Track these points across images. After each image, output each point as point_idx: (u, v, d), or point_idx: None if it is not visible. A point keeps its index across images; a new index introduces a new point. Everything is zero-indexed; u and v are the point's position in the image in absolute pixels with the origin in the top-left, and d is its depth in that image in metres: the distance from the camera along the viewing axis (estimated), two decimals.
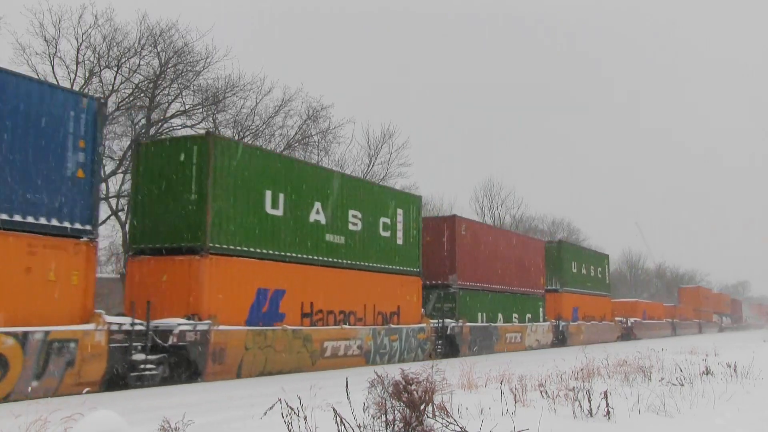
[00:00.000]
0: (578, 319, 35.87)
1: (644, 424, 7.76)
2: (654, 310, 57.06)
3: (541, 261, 32.13)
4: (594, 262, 40.27)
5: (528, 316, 30.08)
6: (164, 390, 12.64)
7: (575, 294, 36.21)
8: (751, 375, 13.04)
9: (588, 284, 38.44)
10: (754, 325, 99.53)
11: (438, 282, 24.35)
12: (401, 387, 6.18)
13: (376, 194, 20.84)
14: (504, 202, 59.97)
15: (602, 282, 41.51)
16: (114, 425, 5.55)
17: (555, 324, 32.76)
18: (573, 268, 36.16)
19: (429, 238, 23.77)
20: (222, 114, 30.39)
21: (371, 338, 19.06)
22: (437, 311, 23.90)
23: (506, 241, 29.27)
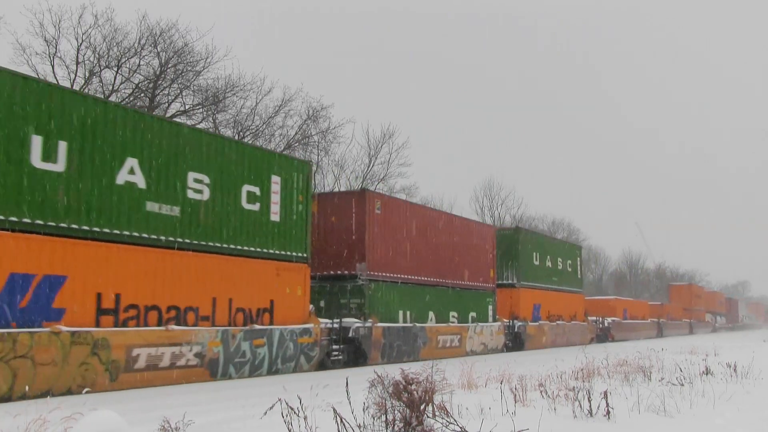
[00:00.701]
0: (540, 319, 31.13)
1: (644, 424, 7.76)
2: (637, 309, 52.08)
3: (491, 250, 27.18)
4: (563, 253, 35.36)
5: (472, 316, 25.27)
6: (163, 390, 12.63)
7: (537, 290, 31.26)
8: (751, 375, 13.05)
9: (554, 279, 33.48)
10: (751, 326, 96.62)
11: (343, 272, 19.70)
12: (401, 387, 6.18)
13: (236, 154, 15.72)
14: (504, 202, 60.02)
15: (573, 277, 36.47)
16: (114, 425, 5.55)
17: (508, 324, 27.98)
18: (535, 260, 31.37)
19: (335, 218, 19.84)
20: (222, 114, 30.46)
21: (219, 343, 14.25)
22: (344, 308, 19.47)
23: (444, 225, 24.17)
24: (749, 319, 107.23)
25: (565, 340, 33.29)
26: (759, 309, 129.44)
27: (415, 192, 41.67)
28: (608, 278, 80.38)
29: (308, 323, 17.19)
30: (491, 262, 27.25)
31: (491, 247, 27.32)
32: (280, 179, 16.86)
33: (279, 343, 15.93)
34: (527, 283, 30.29)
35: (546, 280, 32.50)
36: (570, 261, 36.11)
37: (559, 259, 34.47)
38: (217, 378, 14.10)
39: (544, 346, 30.02)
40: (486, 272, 26.80)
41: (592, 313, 41.22)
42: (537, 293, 31.31)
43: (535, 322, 30.56)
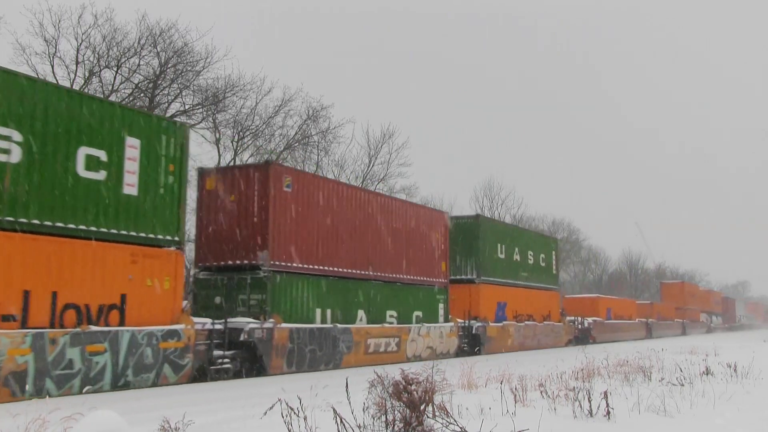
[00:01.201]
0: (505, 319, 27.71)
1: (644, 424, 7.76)
2: (623, 308, 48.05)
3: (442, 240, 23.59)
4: (535, 246, 31.95)
5: (417, 315, 21.83)
6: (164, 390, 12.63)
7: (501, 286, 27.86)
8: (751, 375, 13.05)
9: (523, 274, 30.03)
10: (749, 326, 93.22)
11: (244, 262, 16.42)
12: (401, 387, 6.17)
13: (69, 106, 12.25)
14: (504, 202, 59.91)
15: (547, 272, 33.00)
16: (114, 425, 5.55)
17: (464, 325, 24.48)
18: (499, 252, 27.82)
19: (234, 196, 16.74)
20: (222, 114, 30.44)
21: (29, 350, 10.91)
22: (243, 306, 16.34)
23: (379, 208, 20.38)
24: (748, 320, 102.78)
25: (536, 343, 30.05)
26: (758, 309, 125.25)
27: (415, 192, 41.62)
28: (608, 278, 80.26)
29: (178, 324, 13.67)
30: (443, 254, 23.59)
31: (443, 237, 23.69)
32: (140, 143, 13.40)
33: (129, 350, 12.48)
34: (489, 279, 26.88)
35: (513, 275, 29.11)
36: (544, 255, 32.68)
37: (530, 253, 31.05)
38: (21, 396, 10.52)
39: (510, 350, 26.75)
40: (436, 265, 23.11)
41: (571, 313, 38.44)
42: (502, 290, 27.91)
43: (499, 322, 27.12)
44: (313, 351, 17.01)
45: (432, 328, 22.29)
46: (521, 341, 28.60)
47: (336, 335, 17.85)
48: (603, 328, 41.03)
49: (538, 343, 30.20)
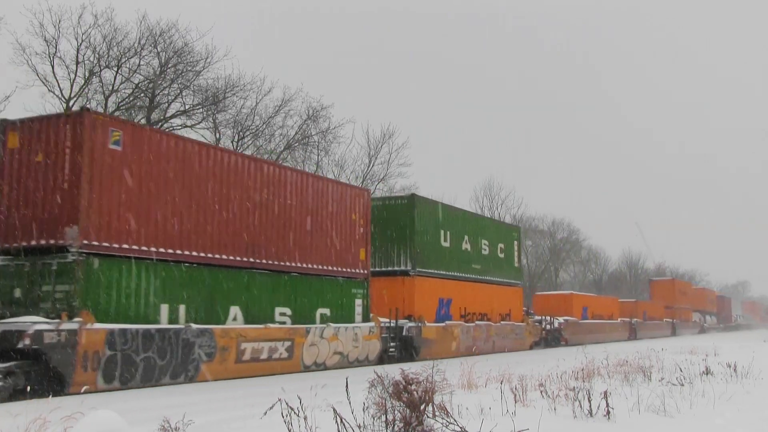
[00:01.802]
0: (451, 318, 24.00)
1: (644, 424, 7.76)
2: (602, 307, 43.66)
3: (363, 223, 19.65)
4: (491, 234, 27.97)
5: (322, 313, 17.76)
6: (164, 390, 12.64)
7: (445, 280, 23.94)
8: (751, 375, 13.05)
9: (475, 266, 26.18)
10: (747, 326, 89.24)
11: (49, 242, 12.50)
12: (401, 387, 6.18)
13: None
14: (504, 202, 59.93)
15: (507, 265, 29.02)
16: (114, 425, 5.55)
17: (391, 326, 20.29)
18: (443, 240, 24.01)
19: (41, 156, 12.78)
20: (222, 114, 30.47)
21: None
22: (47, 300, 12.30)
23: (271, 180, 16.39)
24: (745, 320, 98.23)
25: (491, 346, 25.91)
26: (756, 308, 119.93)
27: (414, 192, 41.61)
28: (608, 278, 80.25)
29: None
30: (362, 240, 19.55)
31: (363, 219, 19.66)
32: None
33: None
34: (429, 271, 22.84)
35: (462, 267, 25.23)
36: (503, 245, 28.78)
37: (485, 242, 27.12)
38: None
39: (455, 354, 22.68)
40: (352, 253, 19.02)
41: (542, 312, 35.40)
42: (445, 284, 23.87)
43: (441, 322, 23.11)
44: (150, 360, 12.90)
45: (343, 329, 18.12)
46: (470, 344, 24.51)
47: (190, 338, 13.67)
48: (577, 328, 37.30)
49: (494, 347, 26.10)
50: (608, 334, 41.14)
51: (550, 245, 66.34)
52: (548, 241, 66.48)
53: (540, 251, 66.05)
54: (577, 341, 34.61)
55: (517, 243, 30.79)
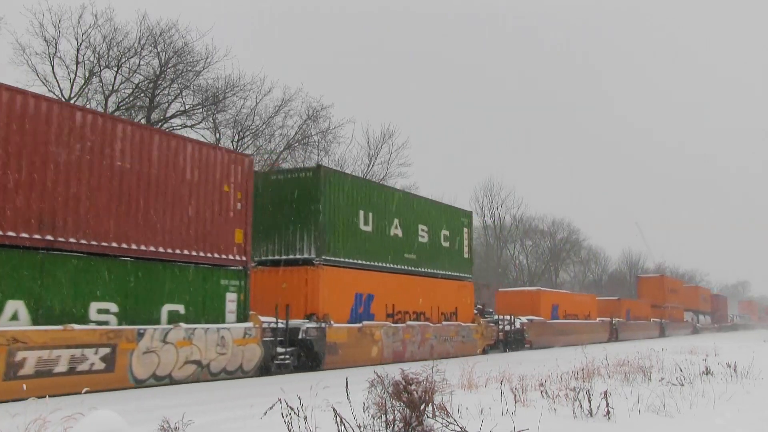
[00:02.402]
0: (372, 318, 19.82)
1: (644, 424, 7.76)
2: (576, 305, 38.93)
3: (243, 197, 15.81)
4: (431, 219, 23.76)
5: (173, 311, 13.91)
6: (164, 390, 12.63)
7: (363, 271, 19.70)
8: (751, 375, 13.05)
9: (407, 255, 22.03)
10: (743, 326, 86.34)
11: None
12: (401, 387, 6.17)
13: None
14: (504, 202, 60.00)
15: (453, 255, 24.94)
16: (114, 425, 5.55)
17: (278, 327, 16.04)
18: (362, 223, 19.87)
19: None
20: (222, 114, 30.43)
21: None
22: None
23: (88, 132, 12.50)
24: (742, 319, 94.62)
25: (428, 351, 21.54)
26: (753, 308, 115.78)
27: (414, 192, 41.60)
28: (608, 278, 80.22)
29: None
30: (240, 218, 15.64)
31: (242, 192, 15.78)
32: None
33: None
34: (341, 260, 18.77)
35: (389, 256, 21.03)
36: (448, 231, 24.78)
37: (423, 227, 23.11)
38: None
39: (376, 362, 18.43)
40: (221, 234, 15.07)
41: (506, 311, 31.21)
42: (365, 276, 19.81)
43: (357, 322, 19.01)
44: None
45: (201, 331, 13.97)
46: (398, 349, 20.45)
47: None
48: (544, 329, 32.78)
49: (432, 352, 21.49)
50: (583, 335, 36.92)
51: (550, 245, 66.33)
52: (548, 241, 66.48)
53: (540, 251, 66.04)
54: (544, 344, 31.61)
55: (467, 230, 26.35)
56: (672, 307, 59.02)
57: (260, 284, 17.84)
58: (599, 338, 39.61)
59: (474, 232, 59.77)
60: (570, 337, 35.17)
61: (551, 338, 33.23)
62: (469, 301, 25.93)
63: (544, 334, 32.65)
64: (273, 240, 18.56)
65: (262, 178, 19.05)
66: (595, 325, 40.32)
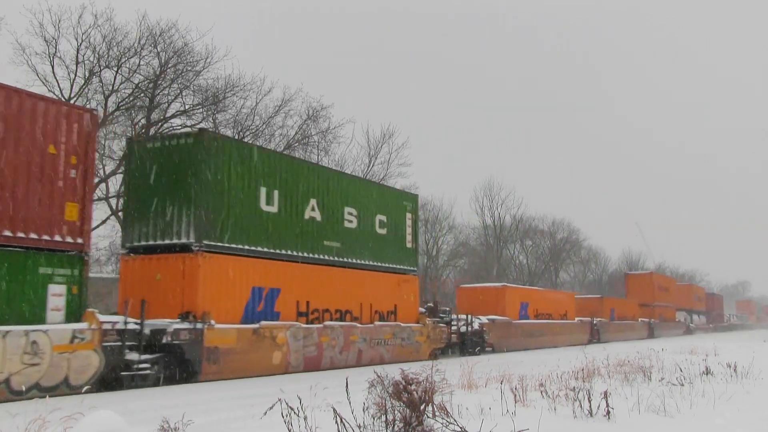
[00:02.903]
0: (275, 317, 16.55)
1: (644, 424, 7.75)
2: (549, 304, 35.19)
3: (79, 162, 12.43)
4: (363, 201, 20.44)
5: None
6: (164, 390, 12.64)
7: (264, 260, 16.57)
8: (751, 375, 13.05)
9: (330, 243, 18.75)
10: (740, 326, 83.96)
11: None
12: (401, 387, 6.17)
13: None
14: (504, 202, 59.94)
15: (392, 245, 21.62)
16: (114, 425, 5.55)
17: (127, 329, 12.84)
18: (262, 202, 16.58)
19: None
20: (222, 114, 30.44)
21: None
22: None
23: None
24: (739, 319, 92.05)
25: (355, 357, 18.65)
26: (750, 308, 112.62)
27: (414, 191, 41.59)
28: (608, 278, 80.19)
29: None
30: (73, 189, 12.36)
31: (78, 156, 12.44)
32: None
33: None
34: (231, 246, 15.62)
35: (302, 243, 17.75)
36: (385, 217, 21.37)
37: (350, 210, 19.77)
38: None
39: (279, 370, 16.04)
40: (43, 209, 11.86)
41: (468, 310, 27.59)
42: (268, 267, 16.58)
43: (253, 322, 15.79)
44: None
45: None
46: (312, 355, 17.17)
47: None
48: (509, 330, 29.23)
49: (360, 358, 18.84)
50: (558, 337, 33.84)
51: (550, 245, 66.31)
52: (548, 241, 66.46)
53: (540, 251, 66.03)
54: (509, 346, 28.04)
55: (411, 216, 22.89)
56: (663, 306, 56.15)
57: (133, 276, 15.18)
58: (577, 340, 36.20)
59: (474, 232, 60.17)
60: (542, 339, 32.01)
61: (518, 340, 29.73)
62: (413, 299, 22.47)
63: (510, 336, 29.11)
64: (148, 221, 15.31)
65: (139, 146, 15.98)
66: (572, 326, 36.92)
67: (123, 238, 16.08)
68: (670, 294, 59.71)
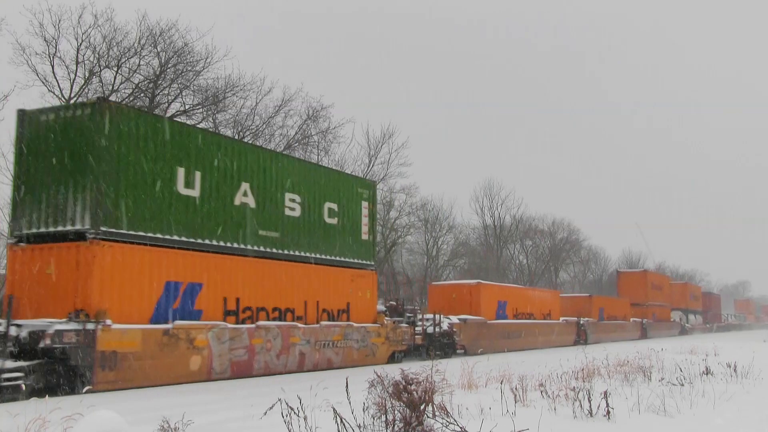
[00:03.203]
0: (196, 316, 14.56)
1: (644, 424, 7.76)
2: (533, 303, 33.14)
3: None
4: (308, 186, 18.30)
5: None
6: (164, 390, 12.64)
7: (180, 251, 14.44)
8: (751, 375, 13.06)
9: (266, 233, 16.71)
10: (737, 326, 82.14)
11: None
12: (401, 387, 6.17)
13: None
14: (504, 202, 59.94)
15: (344, 236, 19.57)
16: (114, 425, 5.54)
17: None
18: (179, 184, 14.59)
19: None
20: (222, 114, 30.46)
21: None
22: None
23: None
24: (737, 319, 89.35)
25: (296, 361, 16.68)
26: (749, 307, 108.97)
27: (414, 192, 41.62)
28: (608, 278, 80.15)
29: None
30: None
31: None
32: None
33: None
34: (139, 234, 13.58)
35: (231, 232, 15.70)
36: (336, 205, 19.32)
37: (292, 197, 17.62)
38: None
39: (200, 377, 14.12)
40: None
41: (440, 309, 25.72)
42: (185, 259, 14.44)
43: (163, 322, 13.73)
44: None
45: None
46: (241, 359, 15.16)
47: None
48: (483, 331, 27.07)
49: (302, 362, 16.89)
50: (540, 338, 31.93)
51: (550, 245, 66.32)
52: (548, 241, 66.47)
53: (540, 251, 66.05)
54: (483, 348, 25.92)
55: (368, 206, 20.77)
56: (656, 305, 53.98)
57: (21, 269, 13.26)
58: (563, 341, 34.64)
59: (474, 232, 60.21)
60: (521, 340, 29.79)
61: (494, 342, 27.49)
62: (370, 296, 20.30)
63: (484, 338, 26.96)
64: (39, 205, 13.37)
65: (31, 117, 13.88)
66: (556, 327, 34.64)
67: (11, 224, 13.80)
68: (665, 293, 57.67)
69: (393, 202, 40.76)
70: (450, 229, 53.52)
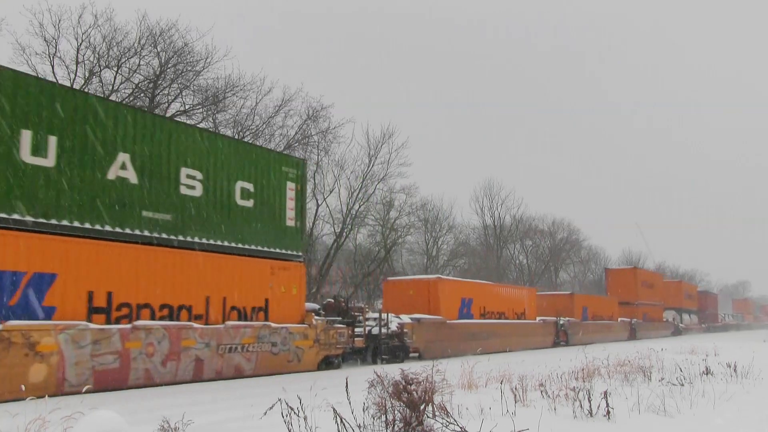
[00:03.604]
0: (47, 314, 11.86)
1: (644, 424, 7.76)
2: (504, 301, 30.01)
3: None
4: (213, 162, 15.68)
5: None
6: (164, 390, 12.64)
7: (23, 234, 11.67)
8: (751, 375, 13.06)
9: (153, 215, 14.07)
10: (735, 326, 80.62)
11: None
12: (401, 387, 6.17)
13: None
14: (504, 202, 60.00)
15: (264, 221, 17.10)
16: (114, 425, 5.54)
17: None
18: (25, 152, 11.87)
19: None
20: (222, 114, 30.47)
21: None
22: None
23: None
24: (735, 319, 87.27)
25: (190, 369, 13.98)
26: (747, 307, 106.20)
27: (414, 192, 41.61)
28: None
29: None
30: None
31: None
32: None
33: None
34: None
35: (105, 212, 13.17)
36: (252, 185, 16.81)
37: (191, 173, 15.08)
38: None
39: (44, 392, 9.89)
40: None
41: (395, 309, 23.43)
42: (34, 244, 11.84)
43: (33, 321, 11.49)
44: None
45: None
46: (112, 367, 12.40)
47: None
48: (440, 332, 24.00)
49: (200, 370, 14.26)
50: (511, 339, 28.86)
51: (550, 245, 66.35)
52: (548, 241, 66.50)
53: (540, 251, 66.07)
54: (443, 352, 22.80)
55: (295, 187, 18.24)
56: (647, 304, 51.41)
57: None
58: (539, 343, 32.09)
59: (474, 232, 60.25)
60: (489, 342, 26.28)
61: (455, 344, 24.32)
62: (296, 292, 17.64)
63: (444, 339, 23.95)
64: None
65: None
66: (531, 327, 31.59)
67: None
68: (656, 291, 54.63)
69: (393, 202, 40.78)
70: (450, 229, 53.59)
